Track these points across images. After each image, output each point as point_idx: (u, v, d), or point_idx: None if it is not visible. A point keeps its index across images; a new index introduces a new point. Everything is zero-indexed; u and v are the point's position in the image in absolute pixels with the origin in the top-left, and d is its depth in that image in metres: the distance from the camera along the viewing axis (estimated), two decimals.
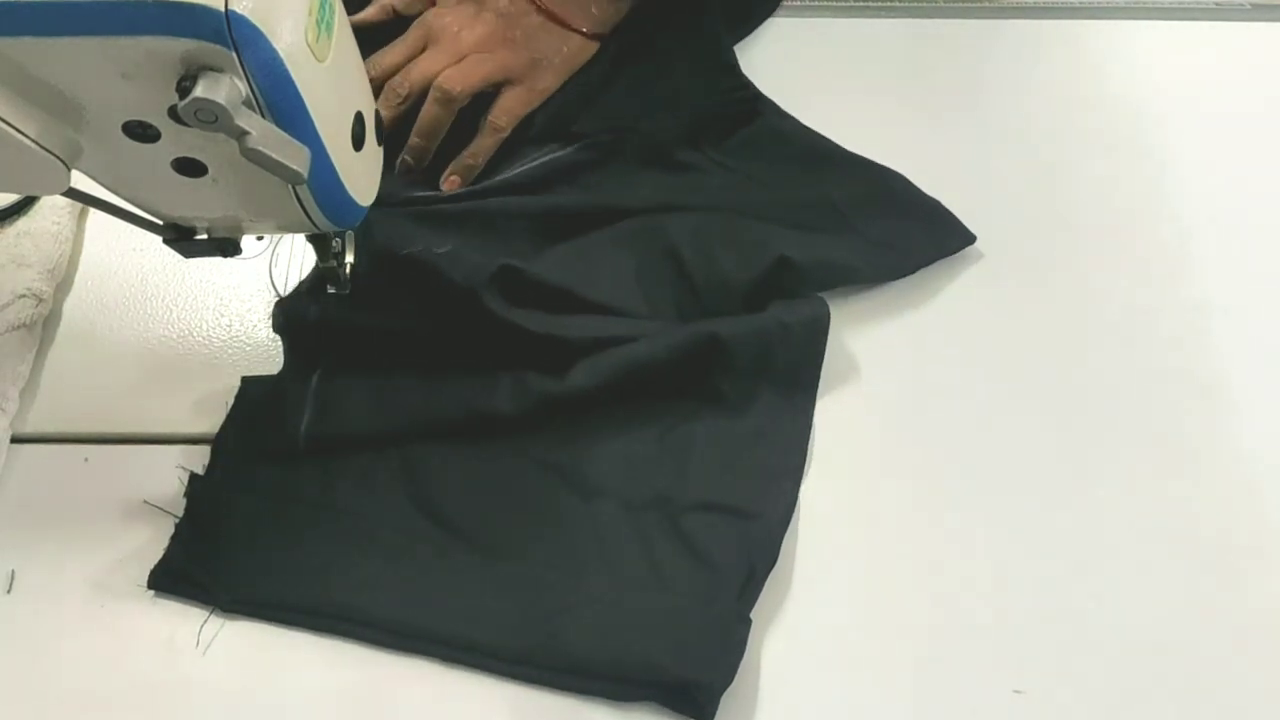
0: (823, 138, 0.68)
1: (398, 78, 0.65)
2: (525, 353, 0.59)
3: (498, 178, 0.66)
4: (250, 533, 0.57)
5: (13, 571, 0.56)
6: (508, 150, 0.67)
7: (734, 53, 0.71)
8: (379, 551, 0.56)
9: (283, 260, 0.66)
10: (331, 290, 0.59)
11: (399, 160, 0.66)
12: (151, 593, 0.55)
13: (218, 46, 0.39)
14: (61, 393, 0.62)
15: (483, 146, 0.66)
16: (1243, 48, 0.76)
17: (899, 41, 0.75)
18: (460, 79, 0.65)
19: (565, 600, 0.54)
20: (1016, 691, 0.54)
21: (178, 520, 0.57)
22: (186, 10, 0.38)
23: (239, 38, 0.39)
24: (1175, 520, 0.58)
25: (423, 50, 0.67)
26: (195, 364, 0.62)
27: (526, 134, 0.68)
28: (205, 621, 0.55)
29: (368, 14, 0.70)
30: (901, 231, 0.65)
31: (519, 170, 0.67)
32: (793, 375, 0.60)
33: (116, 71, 0.40)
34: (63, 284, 0.65)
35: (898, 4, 0.77)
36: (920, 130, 0.71)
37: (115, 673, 0.54)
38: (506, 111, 0.67)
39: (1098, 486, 0.59)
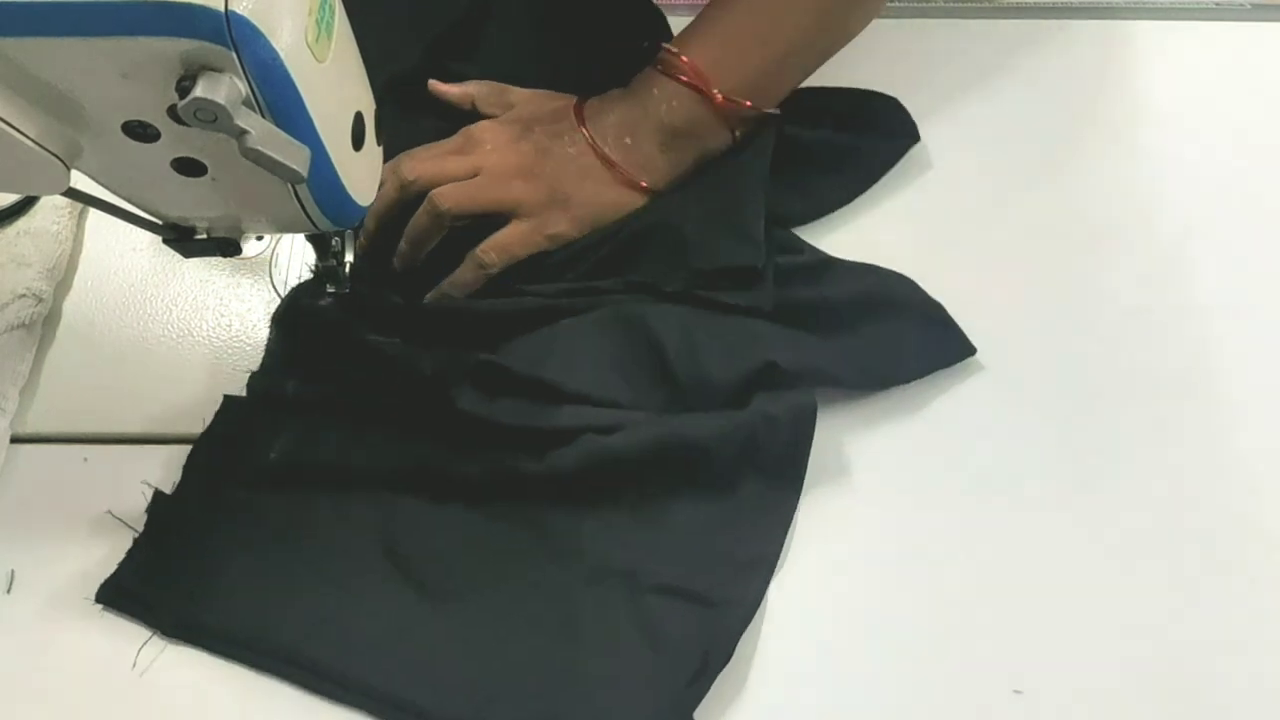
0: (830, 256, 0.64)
1: (407, 162, 0.62)
2: (503, 436, 0.57)
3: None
4: (206, 559, 0.56)
5: (12, 572, 0.56)
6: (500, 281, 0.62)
7: (762, 220, 0.62)
8: (333, 592, 0.55)
9: (283, 260, 0.66)
10: (331, 290, 0.60)
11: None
12: None
13: (217, 46, 0.39)
14: (61, 393, 0.62)
15: (463, 280, 0.62)
16: (1243, 48, 0.76)
17: (898, 41, 0.75)
18: (455, 198, 0.60)
19: (509, 662, 0.53)
20: (1016, 691, 0.54)
21: (136, 535, 0.56)
22: (186, 10, 0.38)
23: (239, 38, 0.39)
24: (1176, 521, 0.58)
25: None
26: (195, 364, 0.62)
27: (541, 265, 0.62)
28: (146, 643, 0.54)
29: (450, 91, 0.67)
30: (898, 337, 0.61)
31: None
32: (777, 467, 0.58)
33: (116, 71, 0.40)
34: (63, 284, 0.65)
35: (897, 4, 0.76)
36: (919, 130, 0.71)
37: (113, 671, 0.54)
38: (500, 248, 0.61)
39: (1098, 487, 0.59)
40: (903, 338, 0.61)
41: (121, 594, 0.55)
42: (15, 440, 0.60)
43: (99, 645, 0.54)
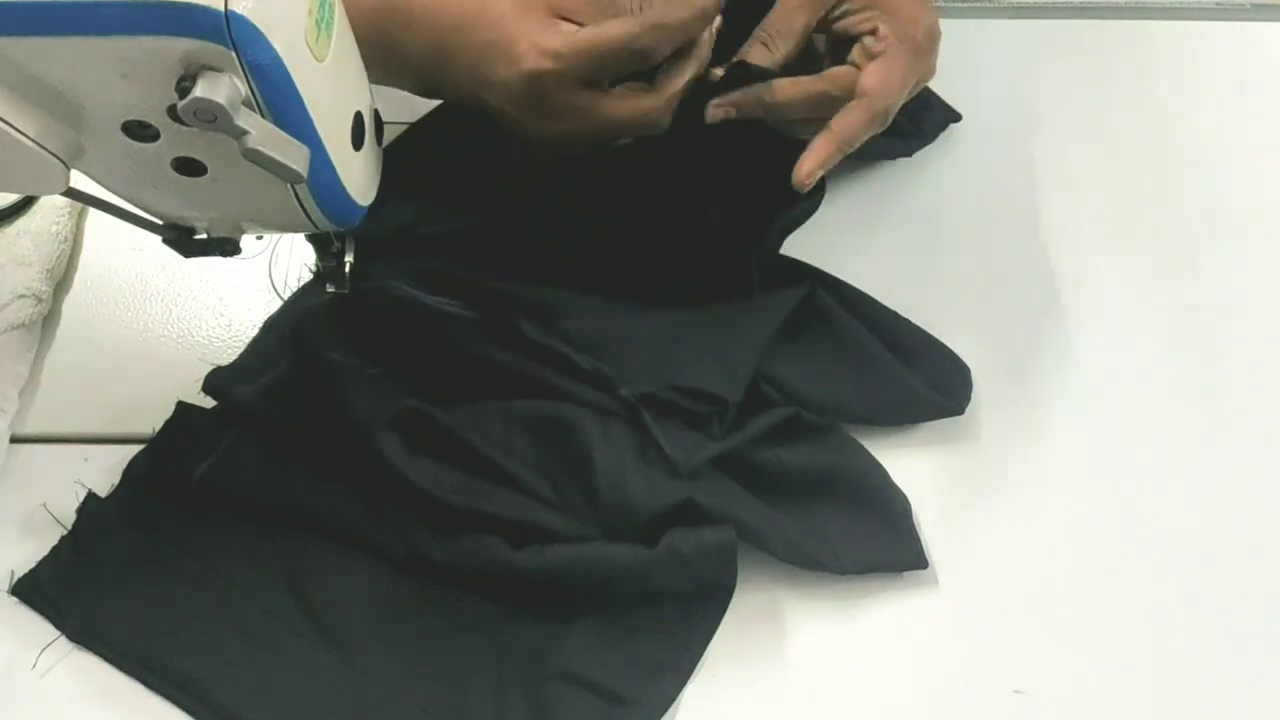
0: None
1: None
2: (416, 497, 0.56)
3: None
4: (118, 570, 0.55)
5: (12, 572, 0.56)
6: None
7: (751, 366, 0.59)
8: (237, 626, 0.54)
9: (282, 260, 0.66)
10: (331, 290, 0.59)
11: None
12: None
13: (217, 46, 0.39)
14: (61, 393, 0.62)
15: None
16: (1243, 48, 0.76)
17: None
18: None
19: (393, 718, 0.52)
20: (1016, 691, 0.54)
21: (64, 534, 0.56)
22: (186, 10, 0.38)
23: (238, 37, 0.39)
24: (1176, 520, 0.58)
25: None
26: (195, 364, 0.62)
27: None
28: (50, 645, 0.54)
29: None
30: (844, 526, 0.56)
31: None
32: (698, 595, 0.55)
33: (116, 71, 0.40)
34: (62, 284, 0.65)
35: None
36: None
37: (112, 669, 0.54)
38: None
39: (1097, 487, 0.59)
40: (849, 528, 0.56)
41: (35, 590, 0.55)
42: (15, 440, 0.60)
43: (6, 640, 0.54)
